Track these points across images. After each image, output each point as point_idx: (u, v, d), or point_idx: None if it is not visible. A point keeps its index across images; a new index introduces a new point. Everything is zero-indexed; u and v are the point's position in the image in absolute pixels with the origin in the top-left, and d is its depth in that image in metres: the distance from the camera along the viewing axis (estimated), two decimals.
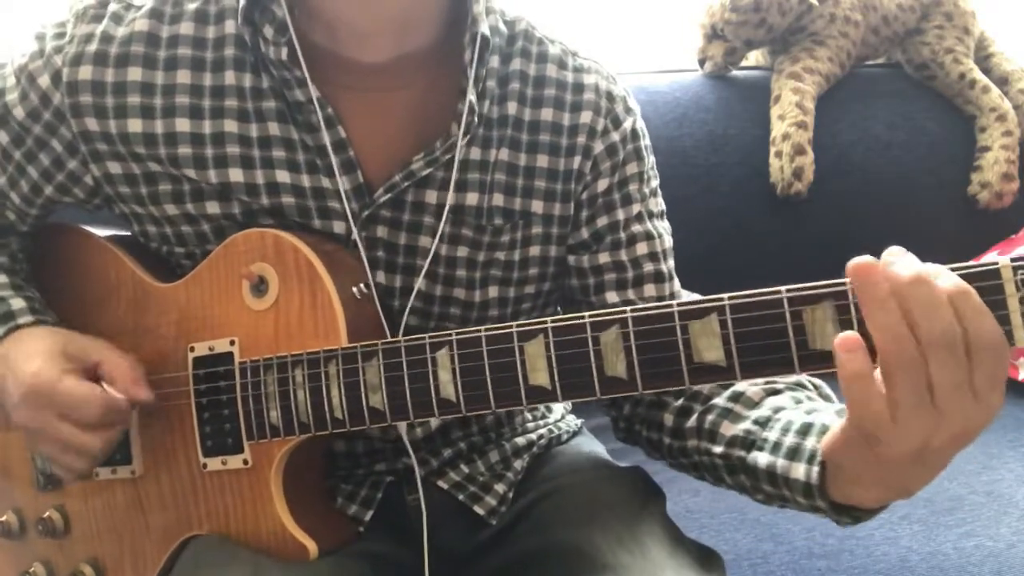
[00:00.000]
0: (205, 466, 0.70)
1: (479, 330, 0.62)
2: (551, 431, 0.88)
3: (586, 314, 0.59)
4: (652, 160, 0.81)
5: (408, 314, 0.74)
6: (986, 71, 1.70)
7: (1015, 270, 0.49)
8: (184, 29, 0.71)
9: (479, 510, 0.78)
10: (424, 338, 0.63)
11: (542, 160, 0.75)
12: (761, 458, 0.64)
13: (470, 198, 0.74)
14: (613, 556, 0.69)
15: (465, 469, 0.81)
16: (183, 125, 0.71)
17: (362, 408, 0.65)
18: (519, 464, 0.83)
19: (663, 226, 0.81)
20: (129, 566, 0.74)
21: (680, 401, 0.74)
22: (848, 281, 0.52)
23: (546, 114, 0.75)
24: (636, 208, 0.78)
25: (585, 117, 0.76)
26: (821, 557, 0.99)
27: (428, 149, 0.71)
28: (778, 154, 1.50)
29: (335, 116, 0.71)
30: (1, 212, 0.78)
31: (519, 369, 0.60)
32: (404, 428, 0.75)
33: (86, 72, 0.70)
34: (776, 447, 0.63)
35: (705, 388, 0.72)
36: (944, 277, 0.49)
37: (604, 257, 0.78)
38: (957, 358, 0.48)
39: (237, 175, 0.71)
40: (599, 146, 0.76)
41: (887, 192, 1.56)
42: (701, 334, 0.56)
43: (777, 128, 1.51)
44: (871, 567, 0.97)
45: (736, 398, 0.69)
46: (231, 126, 0.71)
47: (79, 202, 0.77)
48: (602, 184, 0.77)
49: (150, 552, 0.73)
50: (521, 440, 0.85)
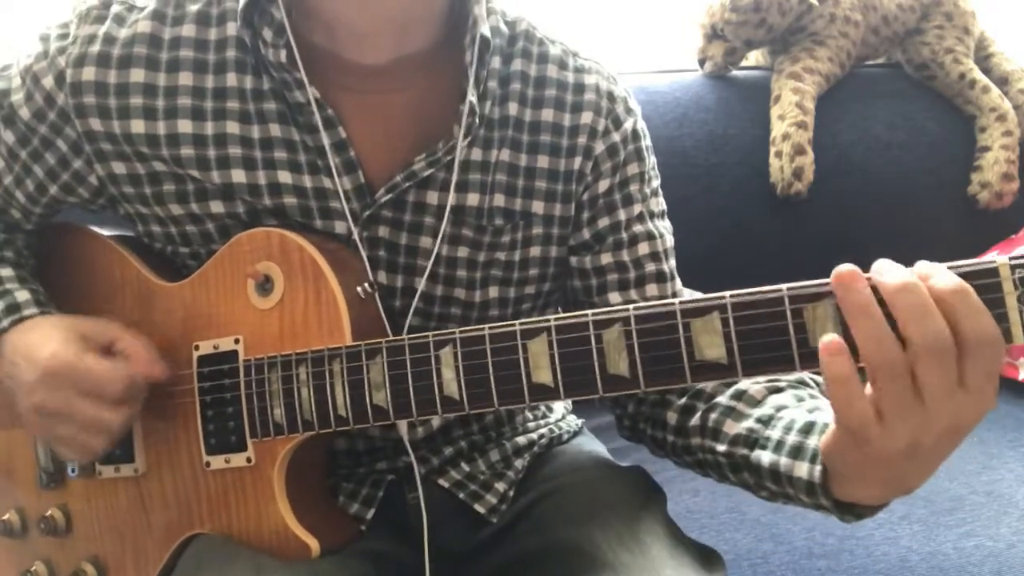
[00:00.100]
0: (208, 464, 0.71)
1: (483, 328, 0.62)
2: (552, 430, 0.89)
3: (588, 312, 0.59)
4: (653, 160, 0.81)
5: (408, 314, 0.75)
6: (986, 71, 1.69)
7: (1013, 268, 0.50)
8: (186, 31, 0.71)
9: (480, 508, 0.78)
10: (428, 336, 0.64)
11: (543, 161, 0.75)
12: (764, 456, 0.64)
13: (471, 199, 0.74)
14: (613, 555, 0.69)
15: (466, 468, 0.81)
16: (185, 126, 0.71)
17: (366, 406, 0.65)
18: (520, 463, 0.83)
19: (664, 226, 0.81)
20: (131, 565, 0.74)
21: (683, 399, 0.74)
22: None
23: (547, 115, 0.75)
24: (637, 208, 0.78)
25: (586, 118, 0.76)
26: (821, 557, 0.99)
27: (430, 150, 0.71)
28: (778, 154, 1.49)
29: (335, 117, 0.71)
30: (7, 210, 0.79)
31: (522, 367, 0.61)
32: (405, 429, 0.75)
33: (89, 73, 0.70)
34: (779, 446, 0.63)
35: (708, 386, 0.72)
36: (941, 275, 0.50)
37: (606, 258, 0.78)
38: (946, 362, 0.49)
39: (239, 176, 0.71)
40: (600, 147, 0.76)
41: (887, 192, 1.55)
42: (703, 332, 0.56)
43: (777, 128, 1.51)
44: (871, 567, 0.97)
45: (739, 396, 0.70)
46: (233, 127, 0.71)
47: (83, 202, 0.77)
48: (603, 185, 0.77)
49: (152, 551, 0.73)
50: (522, 439, 0.85)
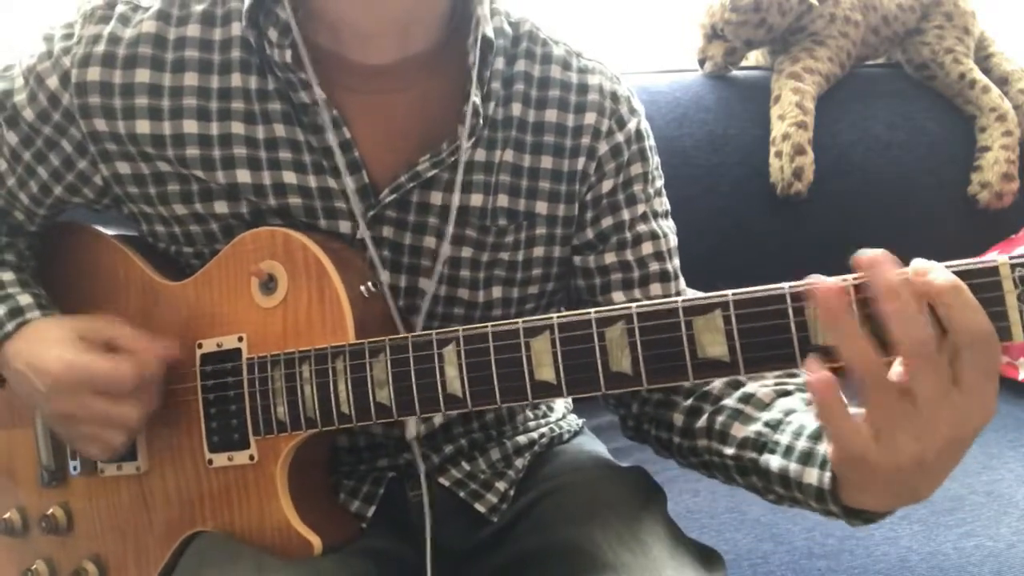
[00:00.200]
0: (211, 462, 0.71)
1: (486, 326, 0.62)
2: (552, 430, 0.89)
3: (591, 310, 0.59)
4: (657, 160, 0.81)
5: (412, 314, 0.75)
6: (986, 71, 1.69)
7: (1013, 268, 0.50)
8: (191, 31, 0.71)
9: (480, 507, 0.78)
10: (431, 334, 0.64)
11: (546, 161, 0.75)
12: (773, 461, 0.64)
13: (475, 199, 0.74)
14: (614, 555, 0.69)
15: (466, 466, 0.81)
16: (190, 127, 0.71)
17: (369, 404, 0.65)
18: (520, 462, 0.83)
19: (668, 225, 0.81)
20: (132, 563, 0.74)
21: (690, 401, 0.74)
22: (850, 277, 0.53)
23: (550, 115, 0.75)
24: (641, 208, 0.79)
25: (589, 118, 0.76)
26: (821, 557, 0.99)
27: (434, 151, 0.71)
28: (778, 154, 1.50)
29: (340, 117, 0.71)
30: (10, 212, 0.78)
31: (525, 364, 0.61)
32: (412, 429, 0.75)
33: (94, 73, 0.70)
34: (788, 451, 0.63)
35: (715, 388, 0.72)
36: (936, 272, 0.50)
37: (610, 257, 0.78)
38: (937, 367, 0.49)
39: (244, 176, 0.71)
40: (603, 147, 0.76)
41: (887, 192, 1.55)
42: (705, 330, 0.56)
43: (777, 128, 1.51)
44: (871, 567, 0.97)
45: (747, 399, 0.69)
46: (238, 128, 0.71)
47: (88, 202, 0.77)
48: (607, 185, 0.77)
49: (153, 549, 0.73)
50: (522, 439, 0.85)
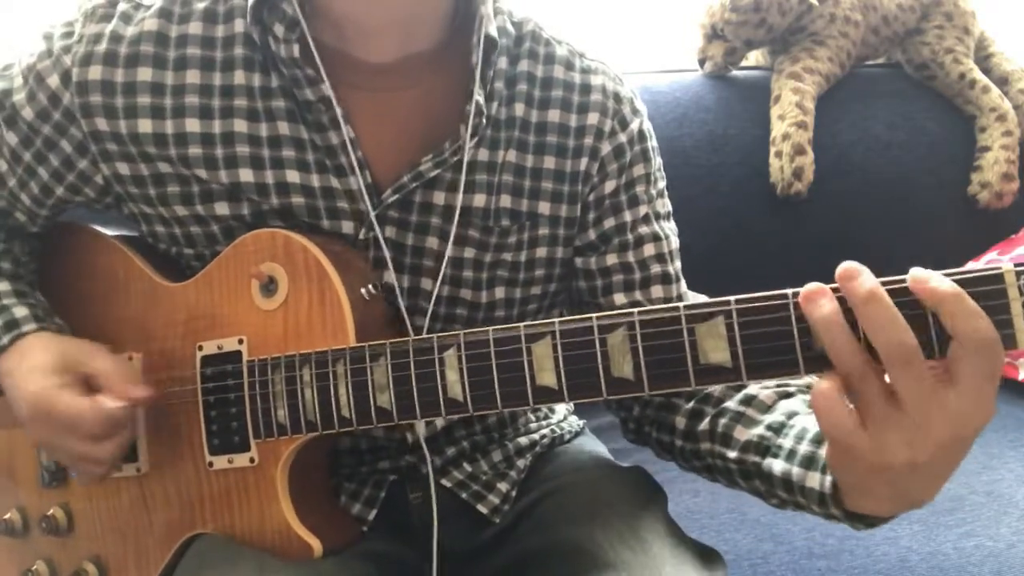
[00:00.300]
0: (211, 464, 0.70)
1: (487, 331, 0.62)
2: (554, 431, 0.89)
3: (593, 316, 0.59)
4: (659, 161, 0.81)
5: (414, 314, 0.75)
6: (986, 71, 1.70)
7: (1018, 275, 0.50)
8: (193, 28, 0.71)
9: (482, 508, 0.79)
10: (432, 338, 0.63)
11: (549, 161, 0.75)
12: (776, 465, 0.63)
13: (477, 199, 0.74)
14: (615, 554, 0.69)
15: (468, 468, 0.81)
16: (193, 125, 0.70)
17: (370, 408, 0.65)
18: (522, 463, 0.83)
19: (670, 227, 0.81)
20: (132, 564, 0.74)
21: (691, 404, 0.74)
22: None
23: (553, 115, 0.75)
24: (643, 210, 0.78)
25: (592, 118, 0.76)
26: (821, 557, 0.99)
27: (437, 151, 0.71)
28: (778, 154, 1.50)
29: (344, 115, 0.71)
30: (11, 214, 0.78)
31: (526, 370, 0.60)
32: (422, 430, 0.75)
33: (96, 72, 0.70)
34: (791, 455, 0.63)
35: (716, 391, 0.72)
36: (936, 280, 0.50)
37: (611, 259, 0.78)
38: (917, 370, 0.49)
39: (247, 175, 0.71)
40: (606, 147, 0.76)
41: (887, 192, 1.55)
42: (707, 336, 0.56)
43: (777, 128, 1.51)
44: (871, 567, 0.97)
45: (748, 401, 0.69)
46: (241, 126, 0.71)
47: (89, 202, 0.77)
48: (609, 186, 0.77)
49: (153, 550, 0.73)
50: (524, 440, 0.85)
